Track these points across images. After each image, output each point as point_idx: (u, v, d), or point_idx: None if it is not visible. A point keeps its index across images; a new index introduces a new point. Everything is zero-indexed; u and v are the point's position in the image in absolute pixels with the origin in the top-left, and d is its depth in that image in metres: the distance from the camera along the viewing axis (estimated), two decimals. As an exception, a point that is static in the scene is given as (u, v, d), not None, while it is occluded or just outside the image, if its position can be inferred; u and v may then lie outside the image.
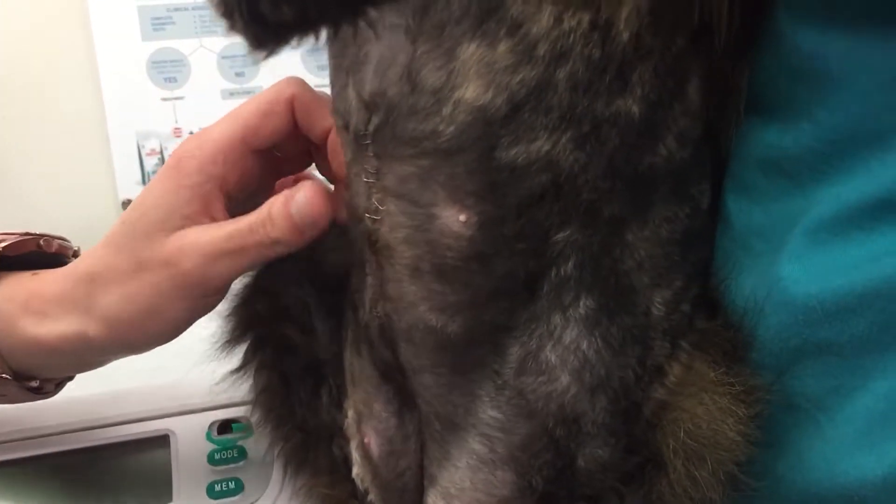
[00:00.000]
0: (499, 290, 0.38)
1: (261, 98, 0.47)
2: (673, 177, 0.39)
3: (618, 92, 0.35)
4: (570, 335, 0.38)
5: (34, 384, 0.51)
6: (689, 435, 0.38)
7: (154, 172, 1.16)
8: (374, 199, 0.39)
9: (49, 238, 0.54)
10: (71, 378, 0.55)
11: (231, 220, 0.45)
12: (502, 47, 0.34)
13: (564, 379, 0.39)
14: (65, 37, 1.10)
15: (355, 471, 0.48)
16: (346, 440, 0.49)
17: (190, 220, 0.45)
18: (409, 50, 0.36)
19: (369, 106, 0.38)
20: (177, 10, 1.13)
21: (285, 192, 0.44)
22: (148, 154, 1.15)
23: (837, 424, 0.36)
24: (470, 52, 0.34)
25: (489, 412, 0.40)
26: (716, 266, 0.42)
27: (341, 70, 0.40)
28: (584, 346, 0.38)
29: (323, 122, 0.46)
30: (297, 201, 0.43)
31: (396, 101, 0.37)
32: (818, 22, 0.36)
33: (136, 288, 0.45)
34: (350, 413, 0.48)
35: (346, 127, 0.41)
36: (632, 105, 0.35)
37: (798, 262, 0.37)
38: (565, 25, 0.34)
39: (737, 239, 0.41)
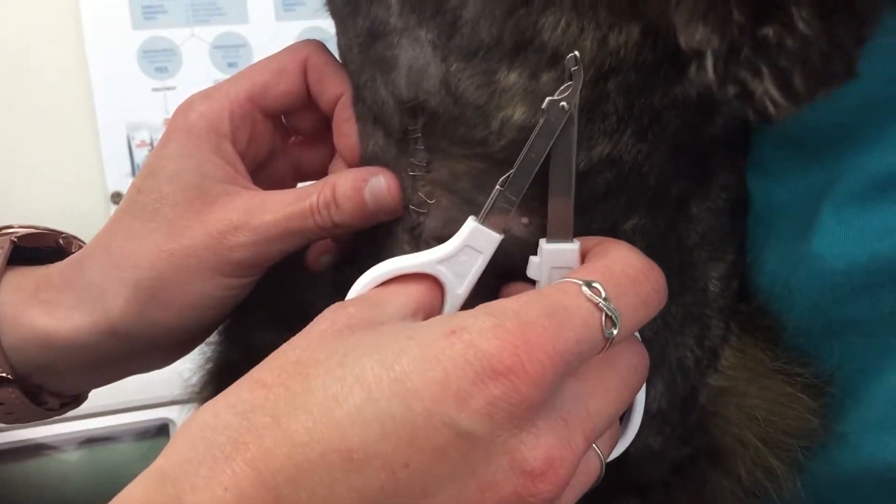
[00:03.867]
0: None
1: (272, 58, 0.43)
2: (727, 145, 0.38)
3: (675, 81, 0.34)
4: None
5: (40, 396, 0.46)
6: (767, 423, 0.37)
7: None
8: (420, 192, 0.37)
9: (69, 237, 0.49)
10: (78, 401, 0.50)
11: (285, 200, 0.40)
12: (545, 77, 0.32)
13: None
14: (53, 25, 1.09)
15: None
16: None
17: (226, 186, 0.41)
18: (439, 64, 0.34)
19: (413, 110, 0.36)
20: (168, -2, 1.13)
21: (352, 175, 0.40)
22: (138, 145, 1.13)
23: (862, 406, 0.36)
24: (511, 80, 0.33)
25: None
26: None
27: (368, 63, 0.38)
28: (644, 328, 0.36)
29: (335, 88, 0.42)
30: (376, 187, 0.39)
31: (441, 111, 0.35)
32: None
33: (169, 260, 0.40)
34: None
35: (375, 119, 0.39)
36: (689, 88, 0.34)
37: (824, 238, 0.36)
38: (611, 44, 0.32)
39: (760, 218, 0.40)
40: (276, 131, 0.46)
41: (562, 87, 0.31)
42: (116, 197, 1.14)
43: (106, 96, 1.12)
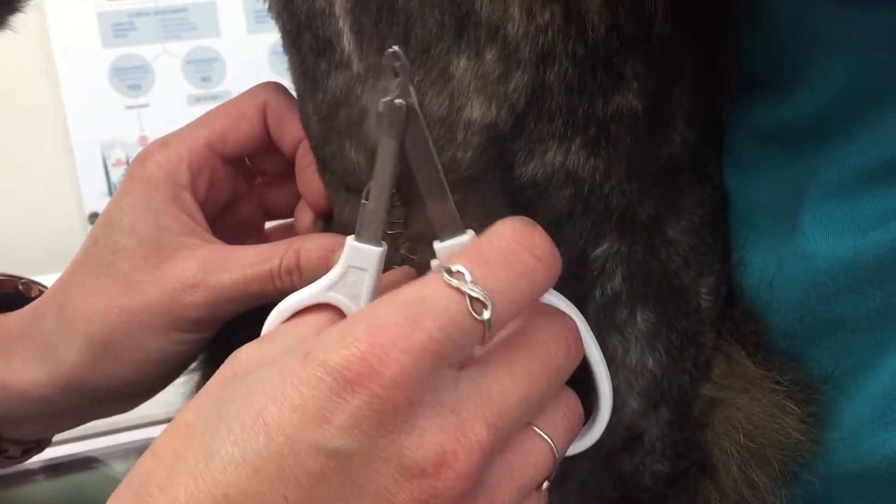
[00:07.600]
0: None
1: (231, 102, 0.43)
2: (692, 160, 0.38)
3: (614, 89, 0.34)
4: (634, 356, 0.37)
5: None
6: (749, 436, 0.37)
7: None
8: (402, 250, 0.37)
9: (29, 282, 0.49)
10: (41, 446, 0.49)
11: (245, 259, 0.40)
12: (489, 56, 0.33)
13: (633, 402, 0.37)
14: (23, 46, 1.08)
15: None
16: None
17: (184, 239, 0.40)
18: None
19: None
20: (138, 14, 1.11)
21: (318, 242, 0.40)
22: (113, 164, 1.12)
23: (856, 404, 0.35)
24: (462, 67, 0.33)
25: None
26: None
27: (333, 134, 0.37)
28: (650, 363, 0.37)
29: (295, 132, 0.42)
30: None
31: None
32: None
33: (122, 315, 0.40)
34: None
35: (347, 188, 0.39)
36: (632, 100, 0.34)
37: (805, 236, 0.35)
38: (539, 20, 0.32)
39: (741, 218, 0.40)
40: (239, 175, 0.45)
41: (393, 86, 0.31)
42: (94, 217, 1.13)
43: (79, 116, 1.11)
